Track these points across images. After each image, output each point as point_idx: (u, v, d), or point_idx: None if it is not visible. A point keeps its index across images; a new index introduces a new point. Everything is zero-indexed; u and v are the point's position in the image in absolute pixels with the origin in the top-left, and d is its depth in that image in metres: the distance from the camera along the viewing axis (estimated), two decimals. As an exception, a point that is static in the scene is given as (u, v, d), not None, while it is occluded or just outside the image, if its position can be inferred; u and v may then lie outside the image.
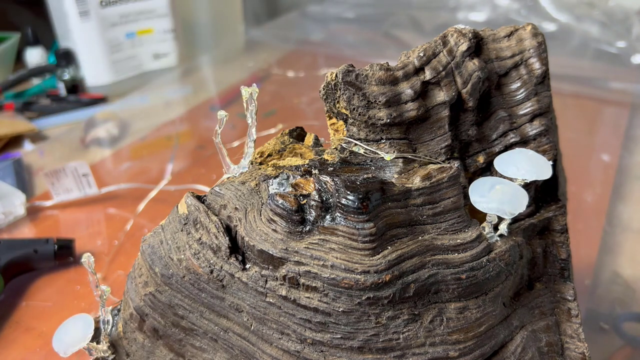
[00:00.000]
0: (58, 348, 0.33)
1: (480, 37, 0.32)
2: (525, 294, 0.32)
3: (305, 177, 0.29)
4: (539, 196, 0.34)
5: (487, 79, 0.32)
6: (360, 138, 0.31)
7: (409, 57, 0.31)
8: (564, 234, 0.34)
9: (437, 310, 0.28)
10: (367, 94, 0.30)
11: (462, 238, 0.29)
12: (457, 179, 0.29)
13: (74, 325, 0.33)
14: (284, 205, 0.27)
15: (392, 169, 0.31)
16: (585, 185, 0.68)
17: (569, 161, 0.41)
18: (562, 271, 0.33)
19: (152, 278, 0.31)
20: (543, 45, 0.32)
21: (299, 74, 1.00)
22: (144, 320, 0.32)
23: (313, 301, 0.27)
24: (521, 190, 0.29)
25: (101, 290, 0.34)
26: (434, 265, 0.28)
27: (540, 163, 0.30)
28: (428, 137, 0.31)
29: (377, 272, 0.26)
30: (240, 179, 0.31)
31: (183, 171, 0.70)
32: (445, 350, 0.28)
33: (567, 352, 0.32)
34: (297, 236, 0.28)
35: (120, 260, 0.55)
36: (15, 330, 0.47)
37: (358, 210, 0.27)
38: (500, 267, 0.29)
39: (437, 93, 0.31)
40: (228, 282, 0.29)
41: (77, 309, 0.49)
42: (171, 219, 0.31)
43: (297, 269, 0.27)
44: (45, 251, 0.52)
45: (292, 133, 0.35)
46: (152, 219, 0.61)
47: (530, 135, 0.32)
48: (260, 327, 0.29)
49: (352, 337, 0.27)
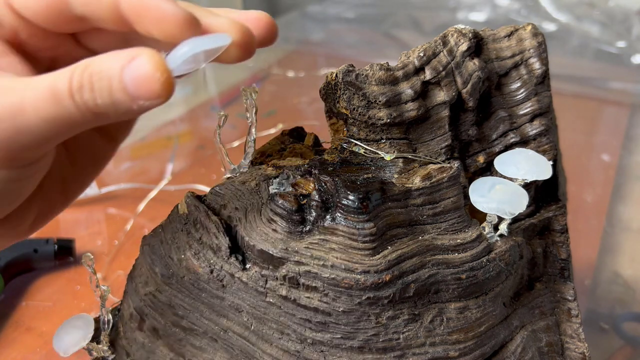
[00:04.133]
0: (58, 348, 0.33)
1: (480, 37, 0.32)
2: (525, 294, 0.32)
3: (305, 177, 0.29)
4: (539, 196, 0.34)
5: (487, 79, 0.32)
6: (360, 138, 0.31)
7: (409, 57, 0.31)
8: (564, 234, 0.34)
9: (437, 310, 0.28)
10: (367, 94, 0.30)
11: (462, 238, 0.29)
12: (457, 179, 0.29)
13: (74, 325, 0.34)
14: (284, 205, 0.27)
15: (392, 169, 0.31)
16: (585, 185, 0.68)
17: (569, 161, 0.41)
18: (562, 271, 0.33)
19: (152, 278, 0.31)
20: (543, 45, 0.32)
21: (299, 74, 1.00)
22: (144, 320, 0.32)
23: (313, 301, 0.27)
24: (521, 190, 0.29)
25: (101, 290, 0.34)
26: (434, 265, 0.28)
27: (540, 163, 0.30)
28: (428, 137, 0.31)
29: (377, 272, 0.26)
30: (240, 179, 0.31)
31: (183, 171, 0.70)
32: (445, 350, 0.28)
33: (567, 352, 0.32)
34: (297, 236, 0.28)
35: (120, 260, 0.55)
36: (15, 330, 0.47)
37: (358, 210, 0.27)
38: (500, 267, 0.29)
39: (437, 93, 0.31)
40: (228, 282, 0.29)
41: (77, 309, 0.49)
42: (171, 218, 0.31)
43: (297, 269, 0.27)
44: (45, 251, 0.52)
45: (292, 133, 0.35)
46: (152, 219, 0.61)
47: (530, 135, 0.32)
48: (260, 327, 0.29)
49: (352, 337, 0.27)
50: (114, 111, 0.24)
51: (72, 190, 0.31)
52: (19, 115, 0.23)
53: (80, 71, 0.23)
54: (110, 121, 0.25)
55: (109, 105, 0.24)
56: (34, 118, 0.23)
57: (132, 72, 0.23)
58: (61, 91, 0.23)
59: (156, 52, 0.23)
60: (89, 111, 0.24)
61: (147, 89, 0.23)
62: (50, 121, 0.23)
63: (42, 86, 0.23)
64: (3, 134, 0.23)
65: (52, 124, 0.23)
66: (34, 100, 0.23)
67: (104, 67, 0.23)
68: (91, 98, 0.23)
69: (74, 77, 0.23)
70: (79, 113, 0.24)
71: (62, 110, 0.23)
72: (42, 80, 0.23)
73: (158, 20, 0.24)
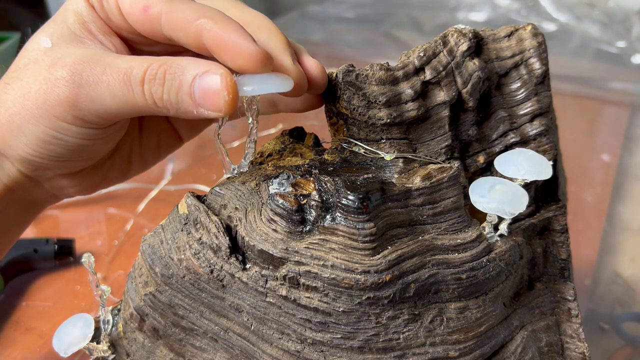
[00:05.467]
0: (58, 348, 0.33)
1: (480, 37, 0.32)
2: (525, 294, 0.32)
3: (305, 177, 0.29)
4: (539, 196, 0.34)
5: (487, 79, 0.32)
6: (360, 138, 0.31)
7: (409, 57, 0.31)
8: (564, 234, 0.34)
9: (437, 310, 0.28)
10: (367, 93, 0.30)
11: (462, 238, 0.29)
12: (457, 179, 0.29)
13: (74, 325, 0.34)
14: (284, 205, 0.27)
15: (392, 169, 0.31)
16: (585, 185, 0.68)
17: (569, 161, 0.41)
18: (562, 271, 0.33)
19: (152, 278, 0.31)
20: (543, 45, 0.32)
21: (299, 74, 1.00)
22: (144, 320, 0.32)
23: (313, 301, 0.27)
24: (521, 190, 0.29)
25: (101, 290, 0.34)
26: (434, 265, 0.28)
27: (540, 163, 0.30)
28: (428, 137, 0.31)
29: (378, 272, 0.26)
30: (240, 179, 0.31)
31: (183, 171, 0.70)
32: (445, 350, 0.28)
33: (567, 352, 0.32)
34: (297, 236, 0.28)
35: (120, 260, 0.55)
36: (15, 330, 0.47)
37: (358, 210, 0.27)
38: (500, 267, 0.29)
39: (437, 93, 0.31)
40: (228, 282, 0.29)
41: (77, 309, 0.49)
42: (171, 218, 0.31)
43: (297, 269, 0.27)
44: (45, 251, 0.52)
45: (292, 133, 0.35)
46: (152, 219, 0.61)
47: (531, 135, 0.32)
48: (261, 327, 0.29)
49: (352, 337, 0.27)
50: (174, 109, 0.28)
51: (134, 167, 0.36)
52: (94, 86, 0.27)
53: (157, 65, 0.27)
54: (168, 115, 0.29)
55: (172, 102, 0.27)
56: (106, 93, 0.27)
57: (203, 83, 0.26)
58: (135, 77, 0.27)
59: (230, 75, 0.26)
60: (152, 101, 0.27)
61: (212, 102, 0.27)
62: (117, 99, 0.27)
63: (121, 67, 0.27)
64: (79, 98, 0.27)
65: (118, 102, 0.27)
66: (109, 78, 0.27)
67: (179, 69, 0.27)
68: (159, 91, 0.27)
69: (149, 69, 0.27)
70: (143, 100, 0.27)
71: (129, 94, 0.27)
72: (122, 62, 0.27)
73: (236, 55, 0.26)
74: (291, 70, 0.29)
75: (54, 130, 0.28)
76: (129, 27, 0.29)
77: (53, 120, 0.28)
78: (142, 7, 0.27)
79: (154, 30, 0.28)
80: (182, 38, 0.27)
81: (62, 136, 0.29)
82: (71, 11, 0.30)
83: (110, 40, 0.30)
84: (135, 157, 0.36)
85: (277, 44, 0.29)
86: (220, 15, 0.27)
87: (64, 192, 0.34)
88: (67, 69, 0.27)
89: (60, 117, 0.28)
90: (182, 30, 0.27)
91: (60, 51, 0.28)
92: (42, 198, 0.34)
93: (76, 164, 0.31)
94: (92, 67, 0.27)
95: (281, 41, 0.29)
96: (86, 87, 0.27)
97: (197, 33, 0.27)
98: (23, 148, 0.29)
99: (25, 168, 0.30)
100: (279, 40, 0.29)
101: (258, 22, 0.30)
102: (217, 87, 0.26)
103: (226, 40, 0.26)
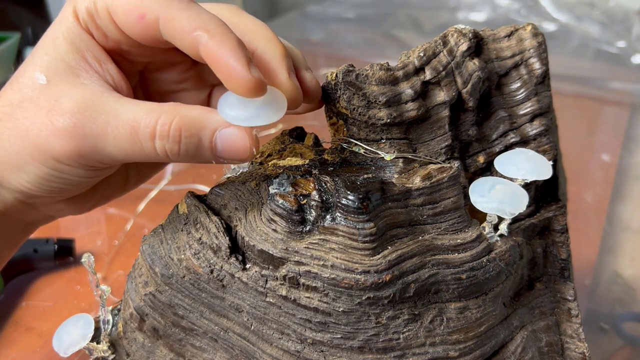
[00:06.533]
0: (58, 348, 0.33)
1: (480, 37, 0.32)
2: (525, 294, 0.32)
3: (305, 177, 0.29)
4: (539, 196, 0.34)
5: (487, 79, 0.32)
6: (360, 138, 0.31)
7: (409, 57, 0.31)
8: (564, 234, 0.34)
9: (437, 310, 0.28)
10: (367, 93, 0.30)
11: (462, 238, 0.29)
12: (457, 179, 0.29)
13: (74, 325, 0.34)
14: (284, 205, 0.27)
15: (392, 169, 0.31)
16: (585, 185, 0.68)
17: (569, 161, 0.41)
18: (562, 271, 0.33)
19: (152, 278, 0.31)
20: (543, 45, 0.32)
21: (299, 74, 1.00)
22: (144, 320, 0.32)
23: (313, 301, 0.27)
24: (521, 190, 0.29)
25: (101, 290, 0.34)
26: (434, 265, 0.28)
27: (540, 163, 0.30)
28: (428, 137, 0.31)
29: (377, 272, 0.26)
30: (240, 179, 0.31)
31: (183, 171, 0.70)
32: (445, 350, 0.28)
33: (567, 352, 0.32)
34: (297, 236, 0.28)
35: (120, 260, 0.55)
36: (15, 330, 0.47)
37: (358, 210, 0.27)
38: (500, 267, 0.29)
39: (437, 93, 0.31)
40: (228, 282, 0.29)
41: (77, 309, 0.49)
42: (171, 218, 0.31)
43: (297, 269, 0.27)
44: (45, 251, 0.52)
45: (292, 133, 0.35)
46: (152, 219, 0.61)
47: (531, 135, 0.32)
48: (261, 327, 0.29)
49: (352, 337, 0.27)
50: (191, 160, 0.27)
51: (131, 182, 0.35)
52: (99, 138, 0.26)
53: (167, 121, 0.26)
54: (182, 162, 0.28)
55: (190, 157, 0.27)
56: (111, 145, 0.27)
57: (227, 138, 0.27)
58: (143, 132, 0.26)
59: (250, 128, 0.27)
60: (165, 155, 0.27)
61: (236, 155, 0.27)
62: (125, 151, 0.27)
63: (125, 120, 0.26)
64: (83, 150, 0.27)
65: (125, 153, 0.27)
66: (115, 132, 0.26)
67: (196, 125, 0.26)
68: (175, 148, 0.27)
69: (158, 125, 0.26)
70: (154, 153, 0.27)
71: (138, 147, 0.27)
72: (126, 112, 0.27)
73: (228, 78, 0.26)
74: (286, 86, 0.28)
75: (58, 172, 0.28)
76: (127, 39, 0.28)
77: (57, 164, 0.27)
78: (138, 16, 0.26)
79: (153, 37, 0.27)
80: (181, 46, 0.27)
81: (66, 176, 0.28)
82: (62, 39, 0.28)
83: (107, 70, 0.29)
84: (133, 173, 0.35)
85: (274, 54, 0.28)
86: (218, 27, 0.26)
87: (60, 213, 0.33)
88: (67, 118, 0.26)
89: (65, 163, 0.27)
90: (180, 40, 0.26)
91: (57, 90, 0.27)
92: (38, 220, 0.33)
93: (76, 191, 0.31)
94: (95, 117, 0.26)
95: (278, 52, 0.29)
96: (90, 139, 0.26)
97: (194, 45, 0.26)
98: (23, 184, 0.28)
99: (23, 197, 0.29)
100: (276, 51, 0.29)
101: (256, 30, 0.29)
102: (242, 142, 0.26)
103: (220, 61, 0.25)
